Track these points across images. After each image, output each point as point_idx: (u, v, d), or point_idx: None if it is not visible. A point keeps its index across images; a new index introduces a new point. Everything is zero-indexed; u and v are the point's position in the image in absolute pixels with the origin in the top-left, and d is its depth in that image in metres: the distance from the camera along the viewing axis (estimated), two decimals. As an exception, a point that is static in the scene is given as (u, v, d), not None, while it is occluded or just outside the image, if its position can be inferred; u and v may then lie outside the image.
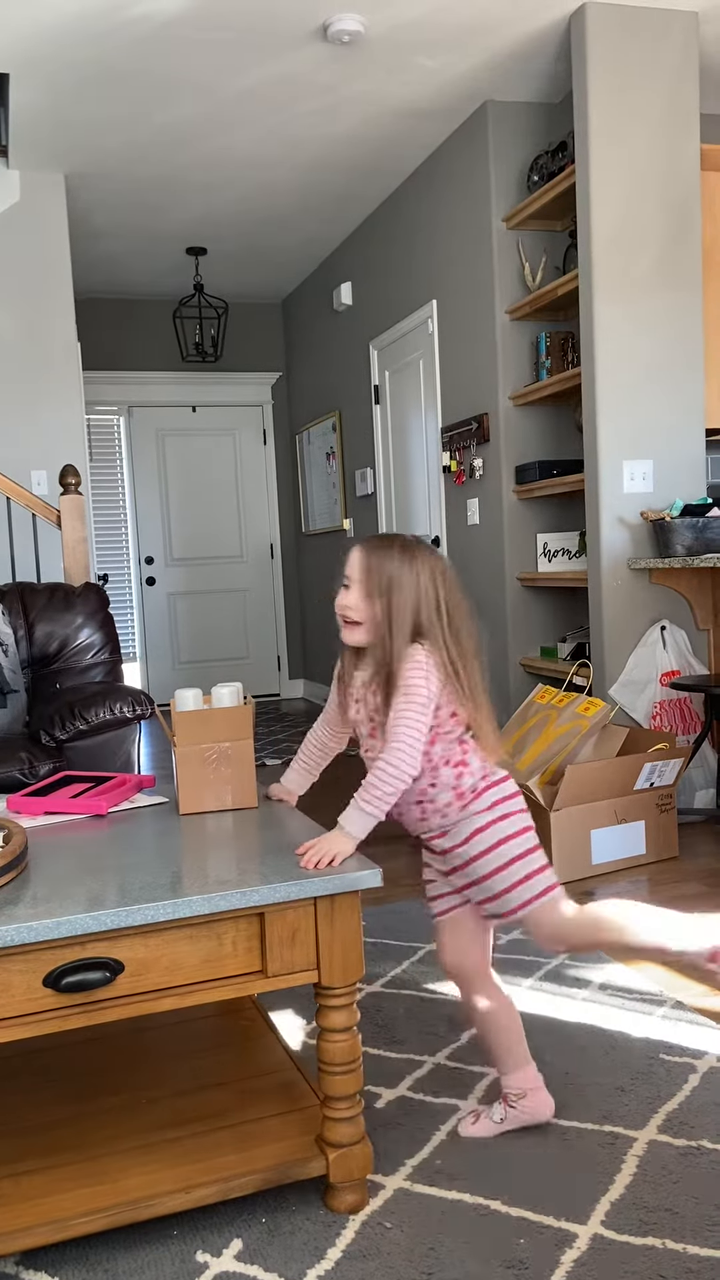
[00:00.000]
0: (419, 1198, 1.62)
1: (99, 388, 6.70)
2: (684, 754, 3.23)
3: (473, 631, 1.75)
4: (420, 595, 1.69)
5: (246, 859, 1.61)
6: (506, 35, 3.66)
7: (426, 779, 1.73)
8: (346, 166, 4.81)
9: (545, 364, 4.13)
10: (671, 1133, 1.76)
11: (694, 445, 3.69)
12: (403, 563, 1.69)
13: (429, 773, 1.73)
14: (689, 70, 3.60)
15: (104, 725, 2.94)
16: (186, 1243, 1.54)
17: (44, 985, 1.40)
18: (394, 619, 1.68)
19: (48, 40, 3.55)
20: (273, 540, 7.32)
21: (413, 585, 1.69)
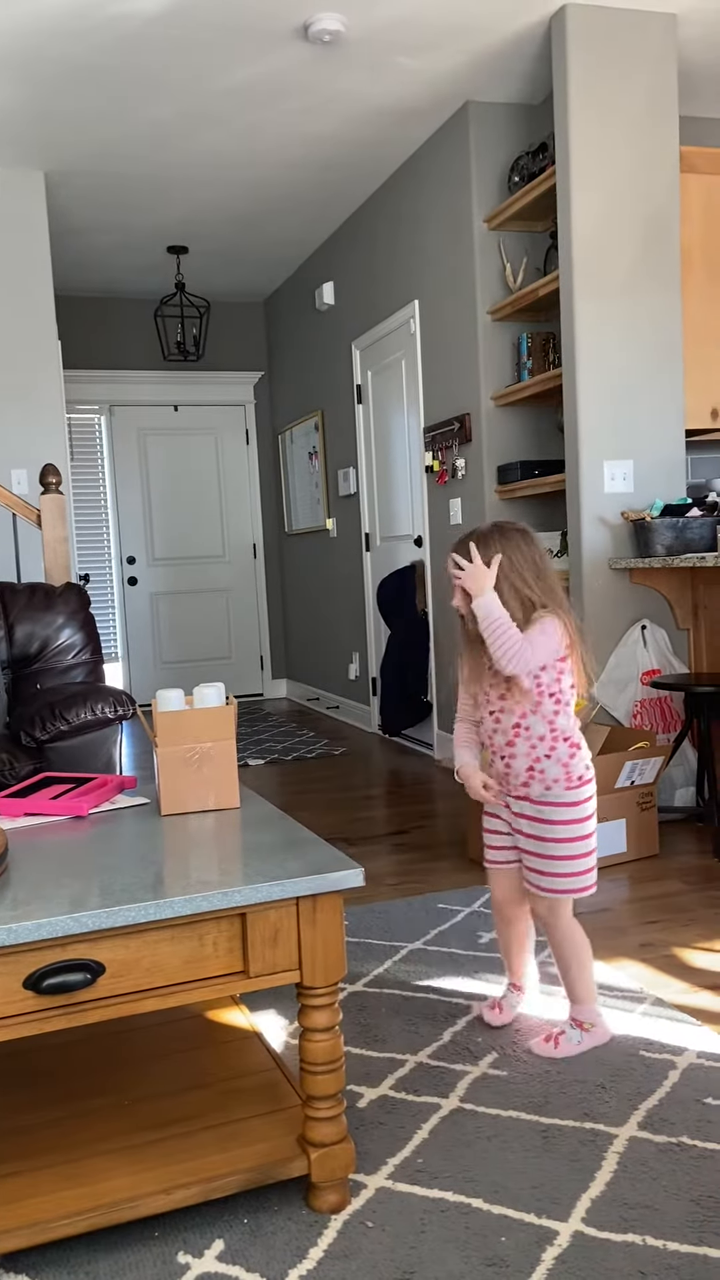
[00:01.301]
0: (401, 1197, 1.62)
1: (80, 386, 6.68)
2: (664, 752, 3.25)
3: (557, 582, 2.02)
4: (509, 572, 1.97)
5: (228, 859, 1.61)
6: (487, 36, 3.67)
7: (545, 747, 2.00)
8: (328, 166, 4.81)
9: (527, 364, 4.14)
10: (652, 1129, 1.77)
11: (674, 446, 3.71)
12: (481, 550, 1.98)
13: (549, 741, 2.00)
14: (668, 72, 3.62)
15: (85, 726, 2.93)
16: (168, 1244, 1.54)
17: (24, 987, 1.39)
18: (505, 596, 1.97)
19: (27, 36, 3.53)
20: (255, 540, 7.31)
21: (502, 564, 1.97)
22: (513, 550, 1.99)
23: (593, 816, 2.02)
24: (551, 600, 1.99)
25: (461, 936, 2.65)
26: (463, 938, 2.64)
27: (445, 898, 2.94)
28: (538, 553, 2.02)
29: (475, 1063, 2.02)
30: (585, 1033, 2.05)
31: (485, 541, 2.00)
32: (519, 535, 2.01)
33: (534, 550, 2.01)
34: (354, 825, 3.79)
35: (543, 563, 2.01)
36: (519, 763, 2.02)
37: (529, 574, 1.98)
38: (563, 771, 2.00)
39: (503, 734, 2.03)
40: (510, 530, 2.02)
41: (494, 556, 1.97)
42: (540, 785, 2.01)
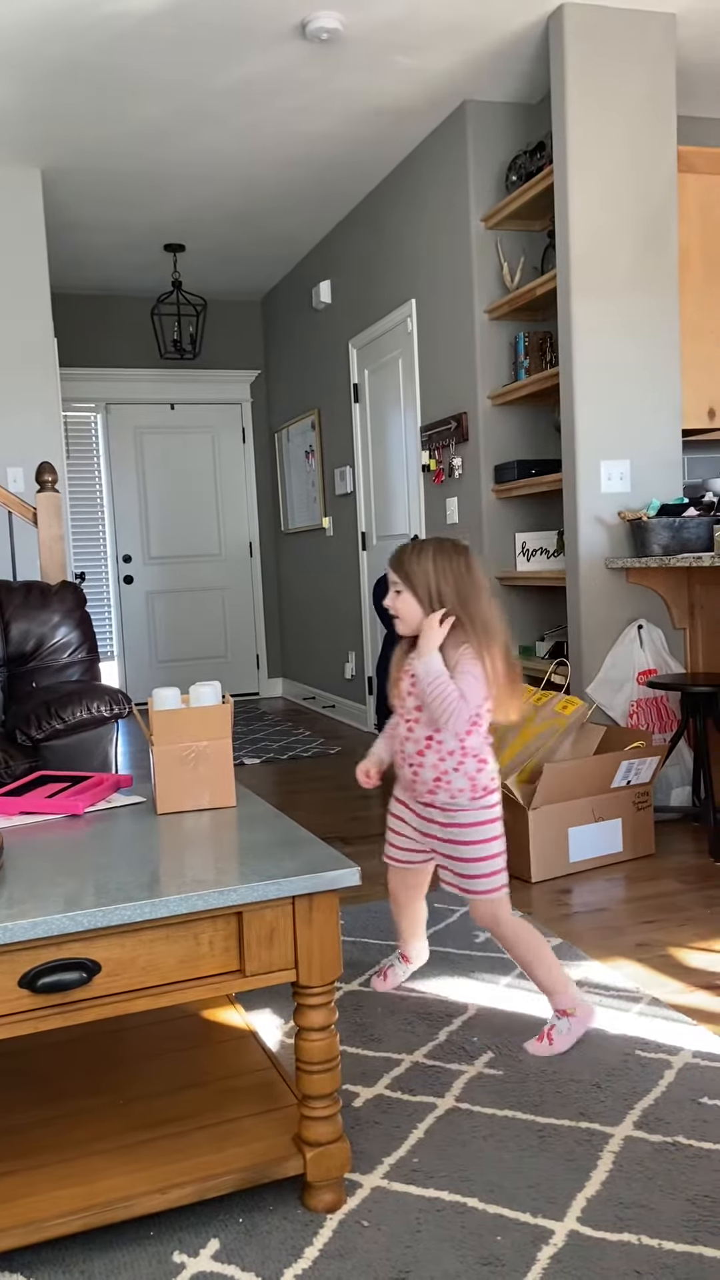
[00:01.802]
0: (396, 1196, 1.62)
1: (76, 384, 6.67)
2: (660, 752, 3.25)
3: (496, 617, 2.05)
4: (431, 582, 2.02)
5: (224, 859, 1.60)
6: (485, 35, 3.67)
7: (453, 761, 2.06)
8: (325, 164, 4.80)
9: (524, 364, 4.14)
10: (647, 1129, 1.77)
11: (670, 445, 3.72)
12: (413, 558, 2.05)
13: (458, 755, 2.06)
14: (666, 72, 3.62)
15: (81, 724, 2.93)
16: (163, 1243, 1.53)
17: (20, 986, 1.39)
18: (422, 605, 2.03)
19: (24, 34, 3.53)
20: (252, 539, 7.30)
21: (424, 577, 2.03)
22: (447, 567, 2.03)
23: (499, 821, 2.10)
24: (483, 629, 2.02)
25: (457, 936, 2.65)
26: (458, 937, 2.64)
27: (440, 897, 2.94)
28: (477, 573, 2.06)
29: (471, 1062, 2.02)
30: (572, 1018, 2.08)
31: (421, 556, 2.04)
32: (458, 554, 2.05)
33: (474, 570, 2.05)
34: (350, 824, 3.78)
35: (480, 586, 2.05)
36: (426, 773, 2.08)
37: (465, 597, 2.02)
38: (468, 783, 2.07)
39: (414, 743, 2.10)
40: (449, 547, 2.06)
41: (447, 619, 2.01)
42: (446, 794, 2.08)
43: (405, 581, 2.06)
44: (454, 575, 2.03)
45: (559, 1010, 2.08)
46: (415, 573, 2.04)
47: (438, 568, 2.02)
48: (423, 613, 2.04)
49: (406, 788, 2.16)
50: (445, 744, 2.06)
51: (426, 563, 2.03)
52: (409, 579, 2.05)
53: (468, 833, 2.08)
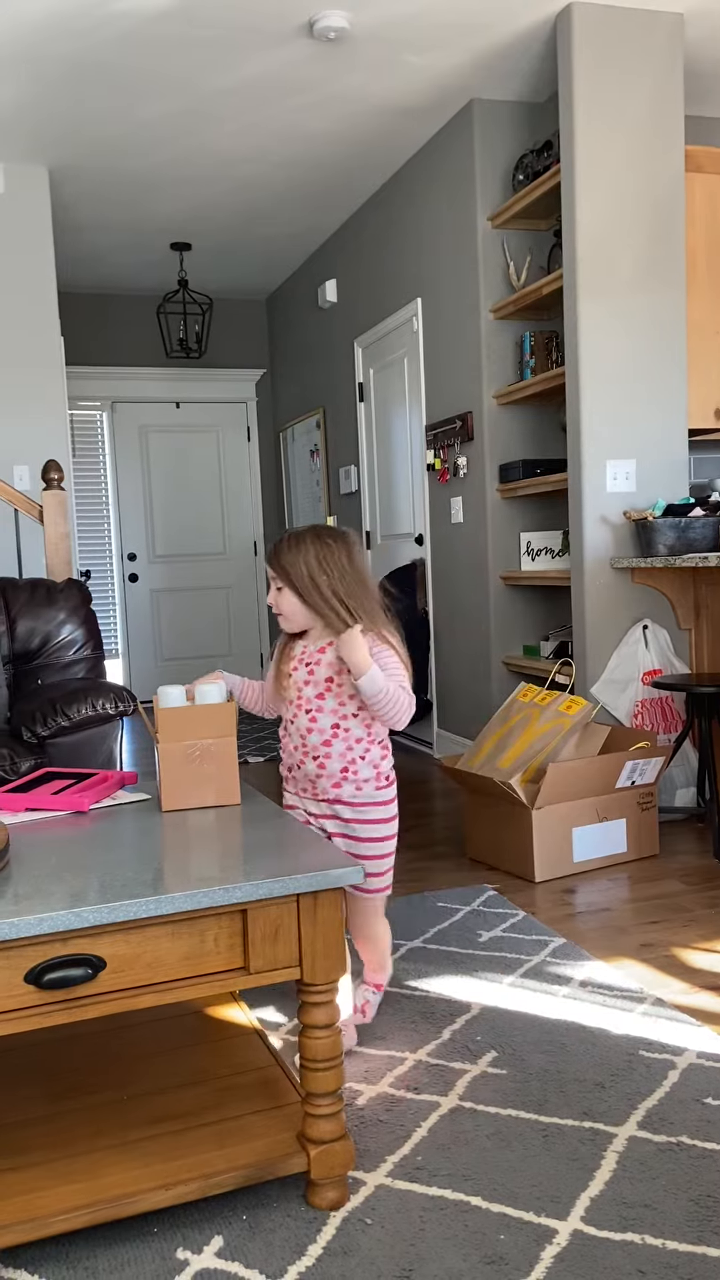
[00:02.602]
0: (400, 1194, 1.62)
1: (82, 383, 6.68)
2: (665, 753, 3.24)
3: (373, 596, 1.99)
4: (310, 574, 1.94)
5: (229, 856, 1.60)
6: (493, 34, 3.67)
7: (361, 748, 2.01)
8: (332, 163, 4.80)
9: (529, 363, 4.14)
10: (651, 1129, 1.77)
11: (676, 445, 3.71)
12: (290, 551, 1.97)
13: (365, 743, 2.02)
14: (674, 71, 3.61)
15: (86, 722, 2.93)
16: (167, 1240, 1.53)
17: (25, 982, 1.39)
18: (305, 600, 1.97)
19: (31, 33, 3.53)
20: (256, 537, 7.30)
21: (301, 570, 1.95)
22: (328, 558, 1.95)
23: (397, 815, 2.08)
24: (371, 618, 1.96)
25: (460, 935, 2.65)
26: (462, 936, 2.64)
27: (444, 896, 2.94)
28: (358, 561, 1.99)
29: (475, 1061, 2.02)
30: (378, 991, 2.19)
31: (300, 549, 1.95)
32: (338, 543, 1.97)
33: (355, 559, 1.98)
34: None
35: (363, 576, 1.98)
36: (333, 763, 2.01)
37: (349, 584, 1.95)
38: (373, 772, 2.03)
39: (319, 734, 2.01)
40: (328, 537, 1.98)
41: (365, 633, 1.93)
42: (353, 786, 2.02)
43: (283, 576, 1.97)
44: (336, 568, 1.94)
45: (376, 985, 2.18)
46: (293, 567, 1.95)
47: (319, 560, 1.94)
48: (303, 607, 1.97)
49: (304, 786, 2.06)
50: (353, 732, 2.00)
51: (307, 555, 1.94)
52: (286, 573, 1.96)
53: (373, 829, 2.03)
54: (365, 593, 1.97)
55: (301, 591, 1.96)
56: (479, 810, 3.26)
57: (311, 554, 1.94)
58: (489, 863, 3.23)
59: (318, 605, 1.96)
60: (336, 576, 1.94)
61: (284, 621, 2.02)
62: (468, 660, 4.58)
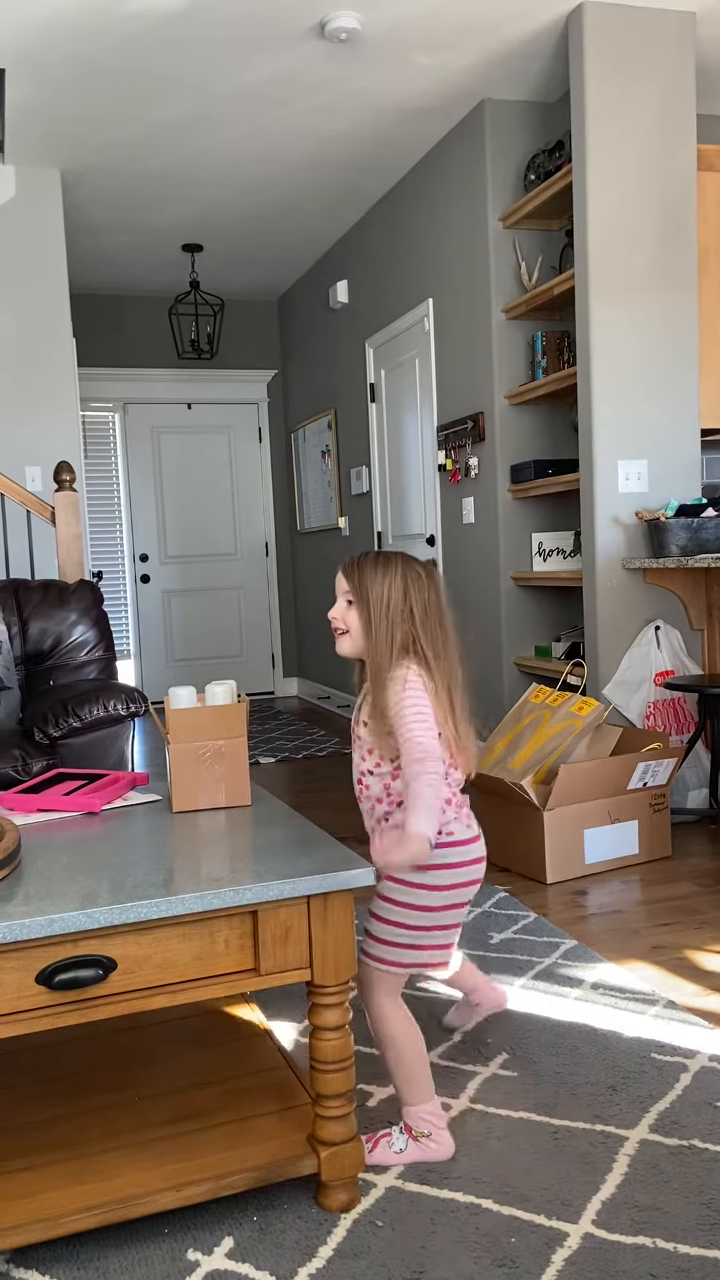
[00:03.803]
0: (410, 1196, 1.62)
1: (94, 384, 6.69)
2: (677, 754, 3.23)
3: (453, 642, 1.77)
4: (391, 602, 1.72)
5: (239, 857, 1.60)
6: (504, 34, 3.66)
7: (381, 810, 1.76)
8: (343, 164, 4.80)
9: (541, 363, 4.13)
10: (663, 1132, 1.76)
11: (689, 445, 3.70)
12: (375, 571, 1.74)
13: (385, 805, 1.75)
14: (686, 70, 3.60)
15: (97, 723, 2.94)
16: (178, 1241, 1.54)
17: (36, 983, 1.39)
18: (372, 626, 1.72)
19: (43, 36, 3.54)
20: (267, 538, 7.31)
21: (383, 593, 1.72)
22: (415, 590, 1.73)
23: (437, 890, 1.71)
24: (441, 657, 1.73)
25: (472, 936, 2.65)
26: (473, 938, 2.64)
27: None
28: (443, 600, 1.77)
29: (486, 1063, 2.01)
30: (415, 1142, 1.70)
31: (386, 566, 1.74)
32: (428, 578, 1.77)
33: (441, 597, 1.77)
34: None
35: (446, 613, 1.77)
36: (365, 818, 1.81)
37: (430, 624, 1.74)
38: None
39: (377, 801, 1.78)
40: (418, 567, 1.77)
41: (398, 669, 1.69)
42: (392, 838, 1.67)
43: (358, 594, 1.74)
44: (419, 602, 1.73)
45: (406, 1125, 1.73)
46: (374, 587, 1.72)
47: (405, 591, 1.72)
48: (364, 633, 1.73)
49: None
50: (373, 790, 1.78)
51: (393, 580, 1.72)
52: (364, 593, 1.73)
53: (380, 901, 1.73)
54: (444, 634, 1.75)
55: (372, 616, 1.72)
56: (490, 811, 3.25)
57: (398, 581, 1.73)
58: (500, 864, 3.23)
59: (378, 636, 1.72)
60: (418, 612, 1.73)
61: (343, 641, 1.78)
62: (479, 661, 4.57)
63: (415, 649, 1.72)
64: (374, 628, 1.72)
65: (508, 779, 3.06)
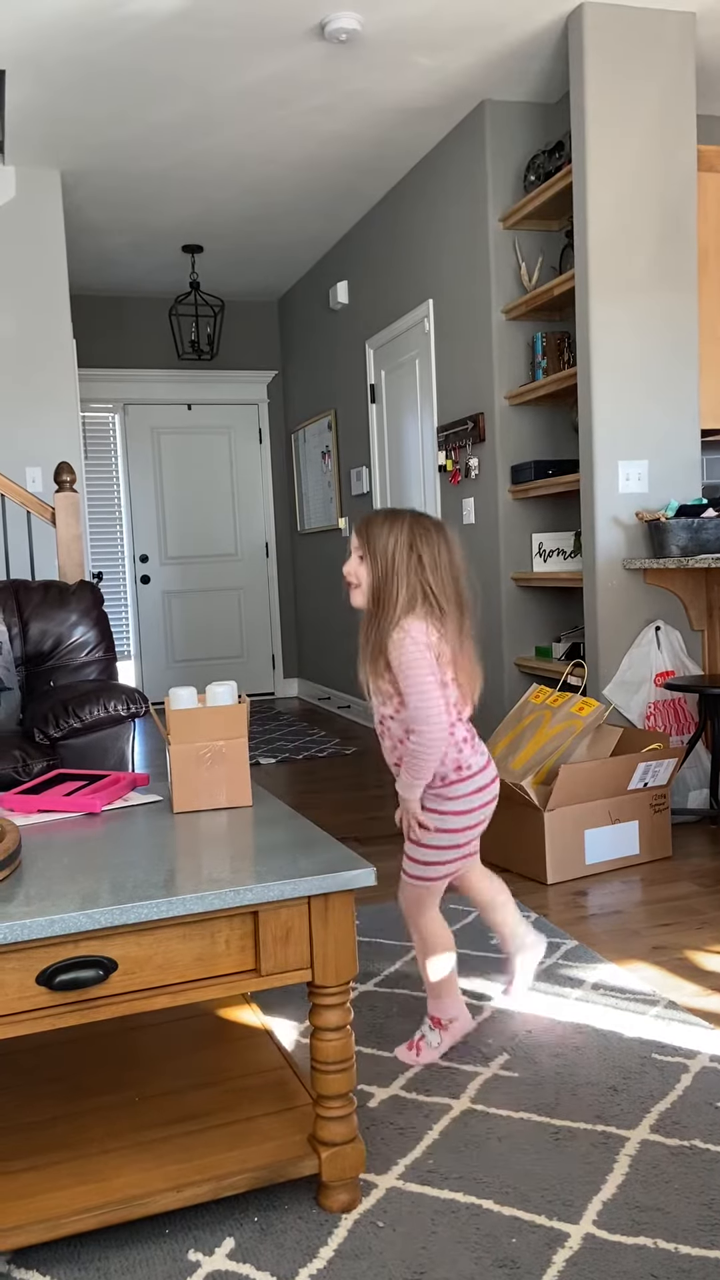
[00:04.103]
0: (411, 1197, 1.62)
1: (94, 385, 6.70)
2: (678, 754, 3.23)
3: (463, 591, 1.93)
4: (397, 554, 1.86)
5: (240, 857, 1.60)
6: (504, 35, 3.67)
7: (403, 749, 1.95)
8: (343, 165, 4.80)
9: (541, 364, 4.13)
10: (664, 1132, 1.76)
11: (689, 446, 3.70)
12: (384, 526, 1.89)
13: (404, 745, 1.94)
14: (686, 71, 3.60)
15: (98, 723, 2.94)
16: (179, 1241, 1.54)
17: (37, 983, 1.39)
18: (378, 578, 1.88)
19: (44, 37, 3.54)
20: (268, 539, 7.31)
21: (389, 546, 1.87)
22: (423, 543, 1.88)
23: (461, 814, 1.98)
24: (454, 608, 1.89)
25: (472, 937, 2.65)
26: (474, 938, 2.64)
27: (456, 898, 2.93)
28: (455, 554, 1.92)
29: (486, 1064, 2.01)
30: (445, 1031, 2.03)
31: (393, 522, 1.88)
32: (436, 532, 1.90)
33: (453, 551, 1.91)
34: (365, 825, 3.78)
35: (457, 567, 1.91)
36: (386, 754, 2.03)
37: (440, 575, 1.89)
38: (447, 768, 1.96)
39: (376, 725, 2.02)
40: (427, 522, 1.91)
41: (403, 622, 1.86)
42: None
43: (366, 548, 1.89)
44: (428, 554, 1.87)
45: (432, 1018, 2.05)
46: (378, 540, 1.87)
47: (411, 543, 1.86)
48: (373, 587, 1.88)
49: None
50: (393, 731, 1.97)
51: (399, 534, 1.86)
52: (371, 546, 1.88)
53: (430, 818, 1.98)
54: (454, 584, 1.89)
55: (378, 569, 1.87)
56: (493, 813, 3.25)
57: (404, 535, 1.86)
58: (501, 865, 3.22)
59: (383, 588, 1.86)
60: (428, 562, 1.86)
61: (355, 594, 1.92)
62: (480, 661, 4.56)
63: (427, 599, 1.87)
64: (379, 578, 1.87)
65: (508, 779, 3.06)
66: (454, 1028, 2.05)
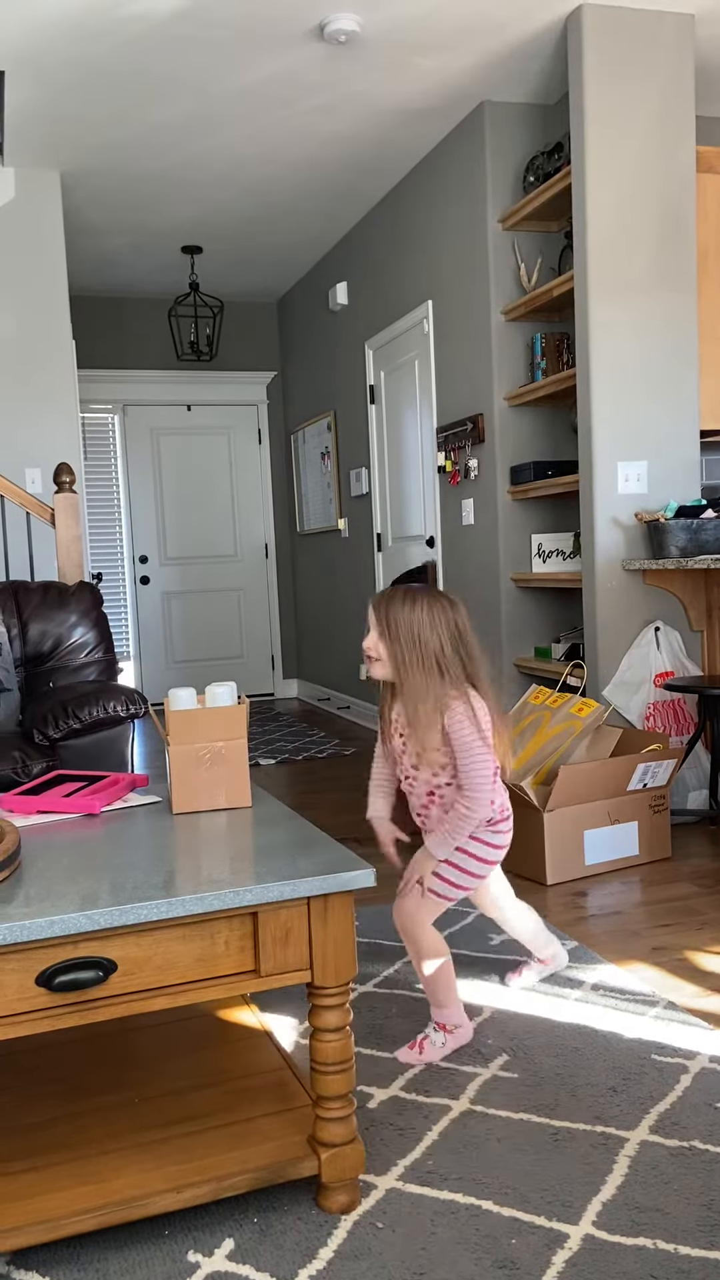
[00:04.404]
0: (411, 1198, 1.62)
1: (94, 386, 6.70)
2: (677, 755, 3.23)
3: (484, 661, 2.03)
4: (420, 632, 1.95)
5: (240, 858, 1.60)
6: (503, 36, 3.67)
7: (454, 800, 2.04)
8: (343, 166, 4.81)
9: (540, 365, 4.13)
10: (663, 1133, 1.76)
11: (688, 447, 3.70)
12: (403, 605, 1.97)
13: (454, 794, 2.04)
14: (685, 72, 3.60)
15: (97, 724, 2.94)
16: (178, 1242, 1.54)
17: (36, 984, 1.39)
18: (404, 656, 1.96)
19: (44, 37, 3.54)
20: (267, 540, 7.31)
21: (410, 624, 1.96)
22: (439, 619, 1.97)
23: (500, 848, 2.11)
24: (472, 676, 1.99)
25: (472, 938, 2.65)
26: (473, 940, 2.64)
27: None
28: (469, 628, 2.01)
29: (486, 1065, 2.01)
30: (450, 1035, 2.08)
31: (412, 603, 1.96)
32: (453, 608, 1.99)
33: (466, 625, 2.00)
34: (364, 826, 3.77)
35: (474, 641, 2.01)
36: (433, 822, 2.10)
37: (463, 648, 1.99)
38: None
39: (417, 797, 2.12)
40: (444, 599, 2.00)
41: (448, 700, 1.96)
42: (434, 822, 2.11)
43: (385, 628, 1.98)
44: (448, 630, 1.97)
45: (438, 1022, 2.10)
46: (399, 621, 1.95)
47: (431, 621, 1.95)
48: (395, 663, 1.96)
49: (421, 824, 2.15)
50: (447, 797, 2.07)
51: (419, 614, 1.95)
52: (392, 627, 1.96)
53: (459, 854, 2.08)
54: (472, 658, 1.99)
55: (403, 646, 1.95)
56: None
57: (424, 611, 1.95)
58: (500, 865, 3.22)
59: (406, 666, 1.95)
60: (449, 636, 1.96)
61: (375, 667, 2.02)
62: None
63: (458, 672, 1.97)
64: (405, 656, 1.96)
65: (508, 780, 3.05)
66: (458, 1034, 2.09)
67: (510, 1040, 2.11)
